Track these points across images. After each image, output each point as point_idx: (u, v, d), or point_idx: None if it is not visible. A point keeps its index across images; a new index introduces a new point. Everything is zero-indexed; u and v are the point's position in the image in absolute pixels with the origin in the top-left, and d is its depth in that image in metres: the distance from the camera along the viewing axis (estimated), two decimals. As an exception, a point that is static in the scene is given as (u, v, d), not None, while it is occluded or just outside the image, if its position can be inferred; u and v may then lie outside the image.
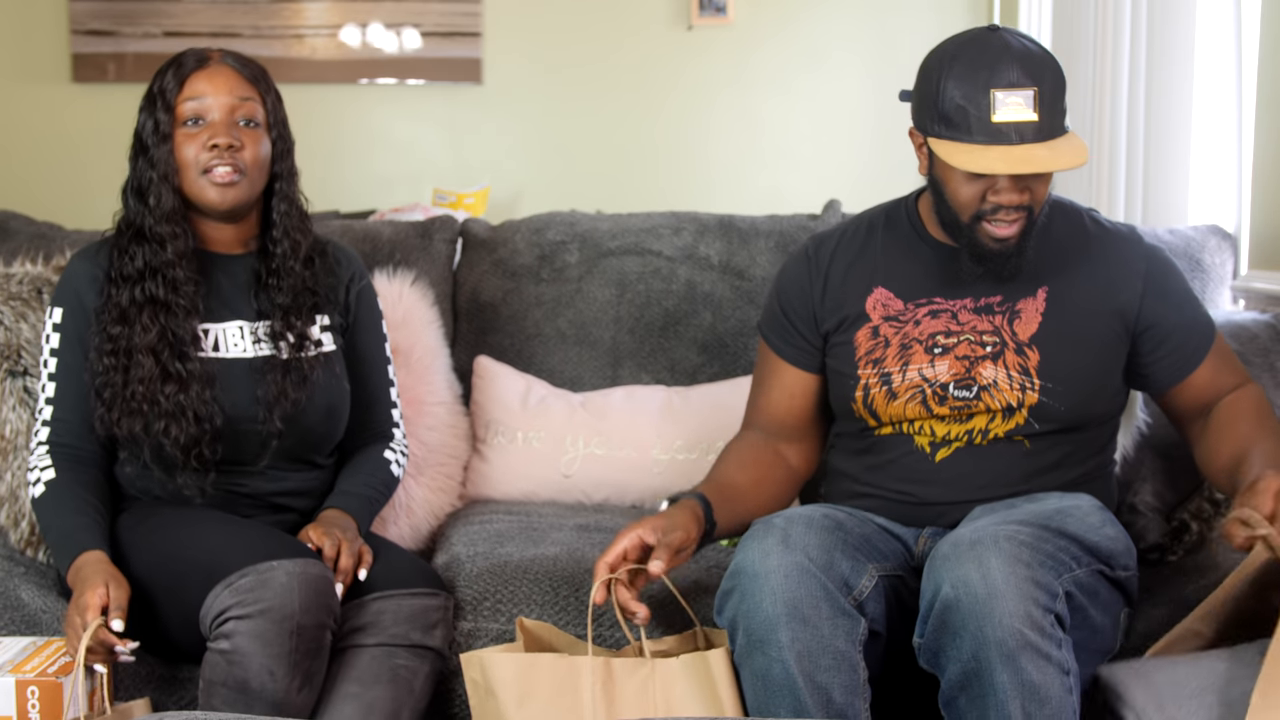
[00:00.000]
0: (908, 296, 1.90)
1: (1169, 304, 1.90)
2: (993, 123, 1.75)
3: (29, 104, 4.11)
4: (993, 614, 1.55)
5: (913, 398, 1.87)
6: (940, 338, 1.87)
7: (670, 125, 4.24)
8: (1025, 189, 1.78)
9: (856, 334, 1.91)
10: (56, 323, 1.91)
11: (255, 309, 1.95)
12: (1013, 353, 1.85)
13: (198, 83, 1.87)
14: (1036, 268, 1.87)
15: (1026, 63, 1.77)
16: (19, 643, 1.73)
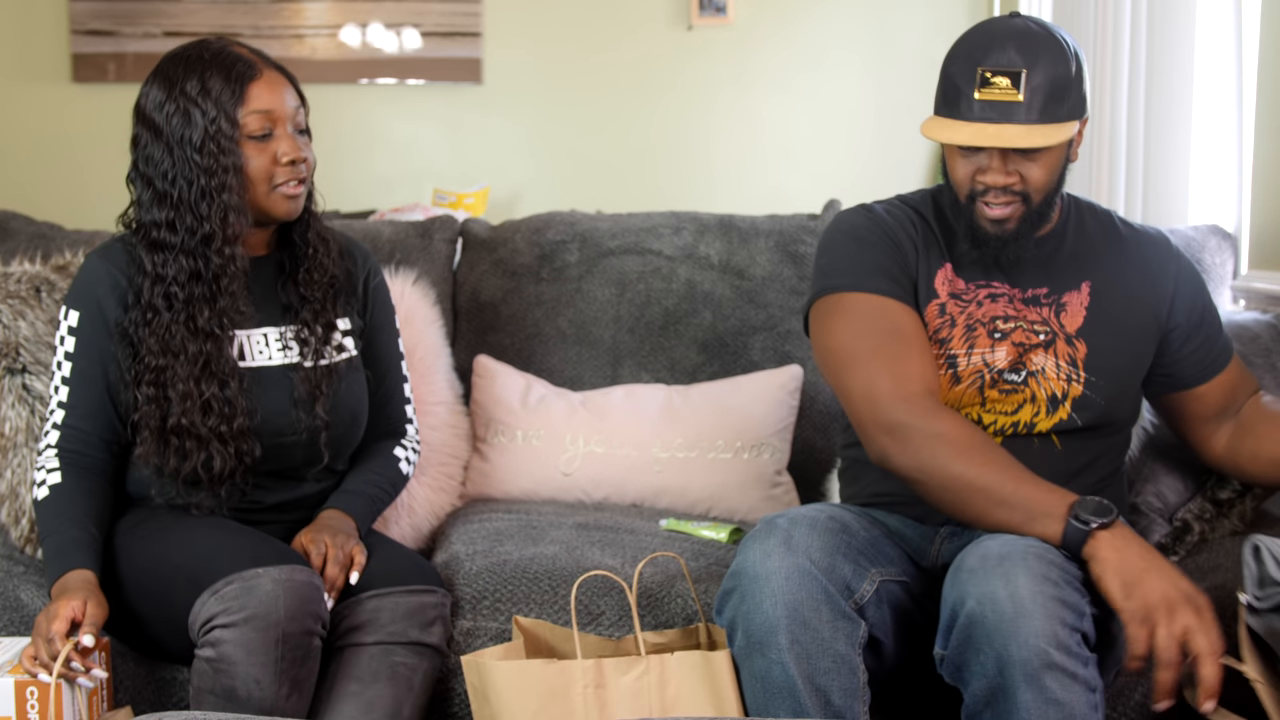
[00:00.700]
0: (970, 276, 1.90)
1: (1197, 304, 1.94)
2: (975, 99, 1.77)
3: (29, 104, 4.11)
4: (1018, 633, 1.53)
5: (973, 383, 1.86)
6: (1000, 322, 1.88)
7: (670, 125, 4.23)
8: (1014, 172, 1.79)
9: (926, 310, 1.89)
10: (72, 326, 1.86)
11: (283, 306, 1.92)
12: (1064, 343, 1.87)
13: (259, 94, 1.81)
14: (1078, 262, 1.90)
15: (1025, 45, 1.77)
16: (19, 643, 1.73)
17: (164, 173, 1.82)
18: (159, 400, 1.81)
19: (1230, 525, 2.11)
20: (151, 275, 1.83)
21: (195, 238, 1.81)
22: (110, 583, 1.76)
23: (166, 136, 1.81)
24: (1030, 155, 1.78)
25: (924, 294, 1.90)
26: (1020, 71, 1.76)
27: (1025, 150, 1.77)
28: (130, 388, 1.82)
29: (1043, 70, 1.76)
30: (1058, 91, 1.77)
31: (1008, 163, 1.79)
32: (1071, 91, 1.79)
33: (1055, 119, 1.77)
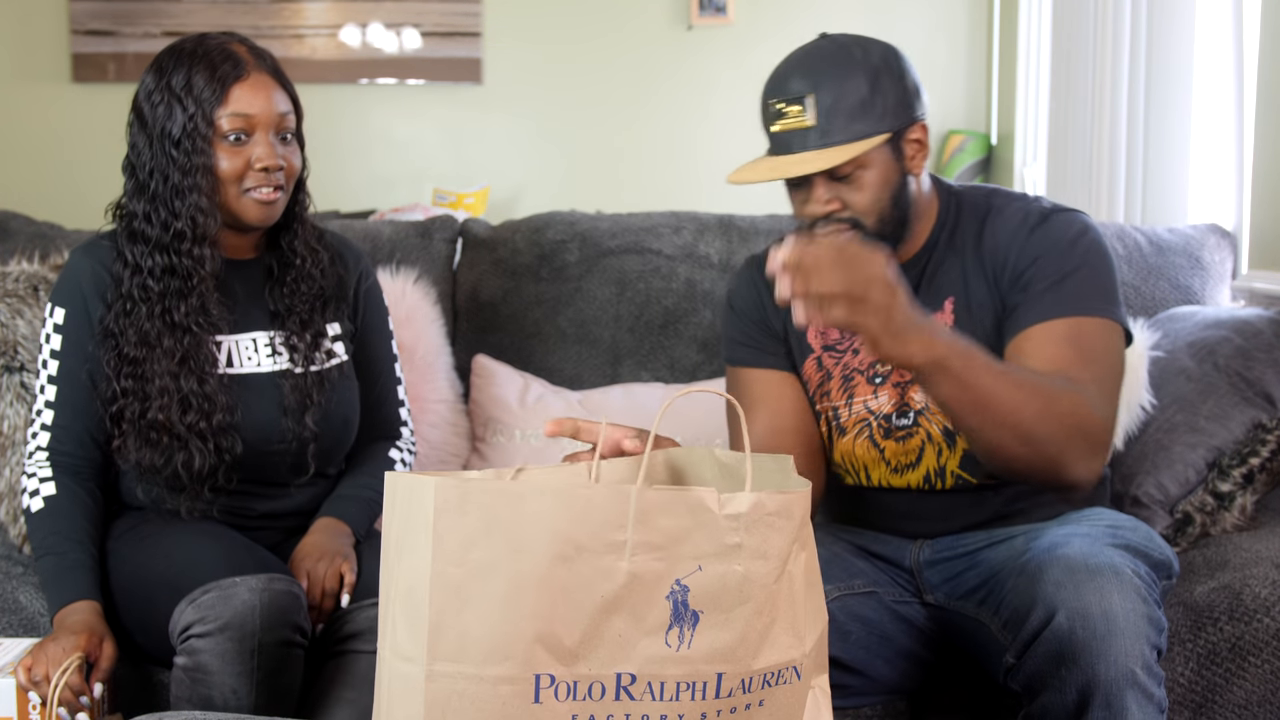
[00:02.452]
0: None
1: (1026, 270, 1.76)
2: (773, 133, 1.76)
3: (29, 104, 4.11)
4: (1109, 652, 1.50)
5: (860, 432, 1.82)
6: (879, 365, 1.81)
7: (670, 125, 4.24)
8: (834, 199, 1.73)
9: (804, 367, 1.88)
10: (58, 323, 1.84)
11: (270, 312, 1.90)
12: None
13: (241, 97, 1.78)
14: (940, 279, 1.81)
15: (809, 69, 1.73)
16: (19, 644, 1.73)
17: (144, 164, 1.81)
18: (138, 394, 1.79)
19: (1231, 519, 2.11)
20: (131, 265, 1.82)
21: (169, 233, 1.79)
22: (101, 587, 1.76)
23: (149, 128, 1.80)
24: (845, 180, 1.72)
25: (800, 349, 1.87)
26: (805, 96, 1.72)
27: (838, 176, 1.71)
28: (112, 380, 1.80)
29: (830, 90, 1.71)
30: (854, 108, 1.70)
31: (826, 190, 1.72)
32: (875, 104, 1.71)
33: (853, 136, 1.70)
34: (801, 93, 1.72)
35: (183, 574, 1.68)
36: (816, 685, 1.27)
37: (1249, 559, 1.89)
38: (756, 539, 1.15)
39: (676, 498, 1.12)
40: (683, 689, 1.13)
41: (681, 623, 1.13)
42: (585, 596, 1.10)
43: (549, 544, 1.09)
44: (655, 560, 1.12)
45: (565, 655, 1.10)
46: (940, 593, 1.81)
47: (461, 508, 1.08)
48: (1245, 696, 1.80)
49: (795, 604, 1.19)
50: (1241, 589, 1.83)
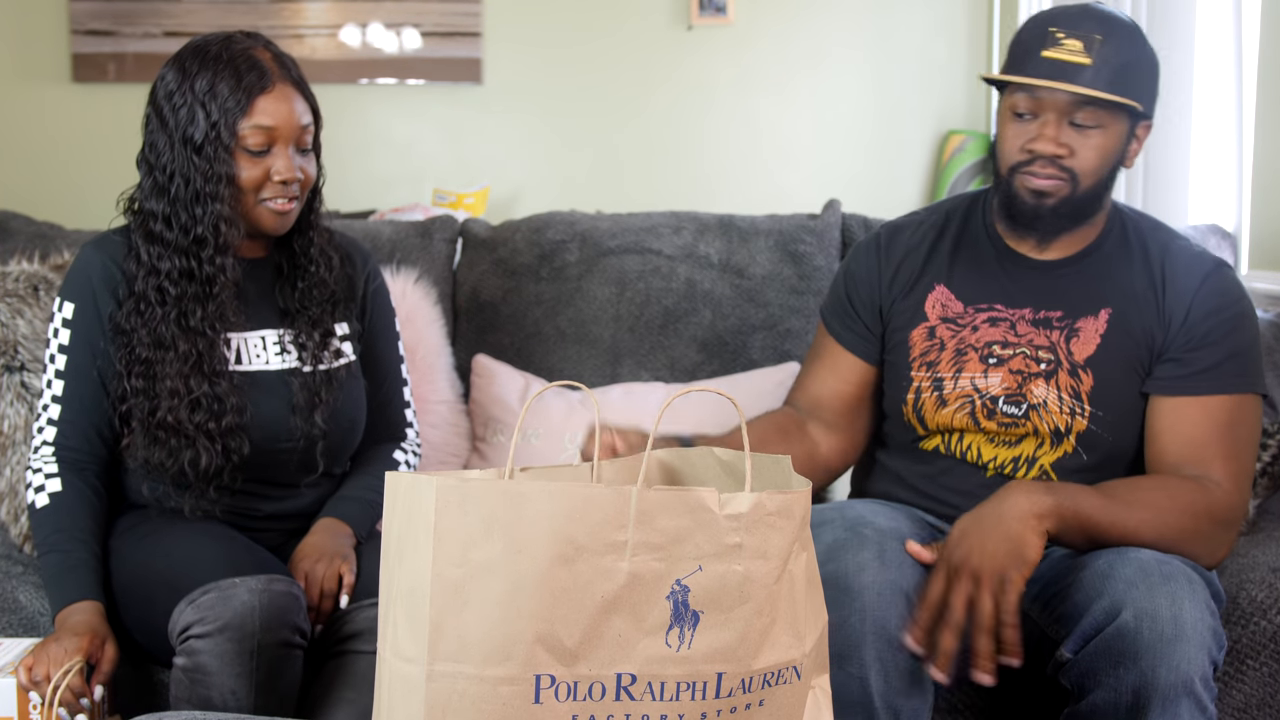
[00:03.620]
0: (969, 299, 1.84)
1: (1196, 331, 1.77)
2: (1042, 57, 1.71)
3: (29, 104, 4.11)
4: (1172, 656, 1.49)
5: (962, 407, 1.81)
6: (997, 348, 1.81)
7: (670, 125, 4.23)
8: (1065, 145, 1.72)
9: (912, 333, 1.86)
10: (67, 318, 1.83)
11: (280, 310, 1.90)
12: (1066, 374, 1.78)
13: (264, 109, 1.77)
14: (1102, 285, 1.80)
15: (1106, 20, 1.72)
16: (19, 644, 1.73)
17: (164, 165, 1.80)
18: (148, 393, 1.79)
19: (1233, 523, 2.11)
20: (147, 266, 1.81)
21: (189, 238, 1.79)
22: (103, 586, 1.76)
23: (171, 129, 1.79)
24: (1085, 131, 1.72)
25: (911, 316, 1.87)
26: (1094, 37, 1.69)
27: (1080, 123, 1.71)
28: (122, 378, 1.80)
29: (1116, 43, 1.70)
30: (1128, 70, 1.70)
31: (1061, 132, 1.72)
32: (1143, 79, 1.73)
33: (1120, 94, 1.70)
34: (1090, 33, 1.70)
35: (182, 574, 1.68)
36: (817, 685, 1.27)
37: (1246, 564, 1.89)
38: (757, 539, 1.15)
39: (677, 498, 1.12)
40: (683, 689, 1.13)
41: (682, 623, 1.13)
42: (585, 597, 1.10)
43: (549, 544, 1.09)
44: (655, 560, 1.12)
45: (565, 655, 1.10)
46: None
47: (463, 508, 1.08)
48: (1244, 699, 1.80)
49: (795, 604, 1.19)
50: (1238, 593, 1.83)
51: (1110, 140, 1.73)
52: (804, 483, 1.22)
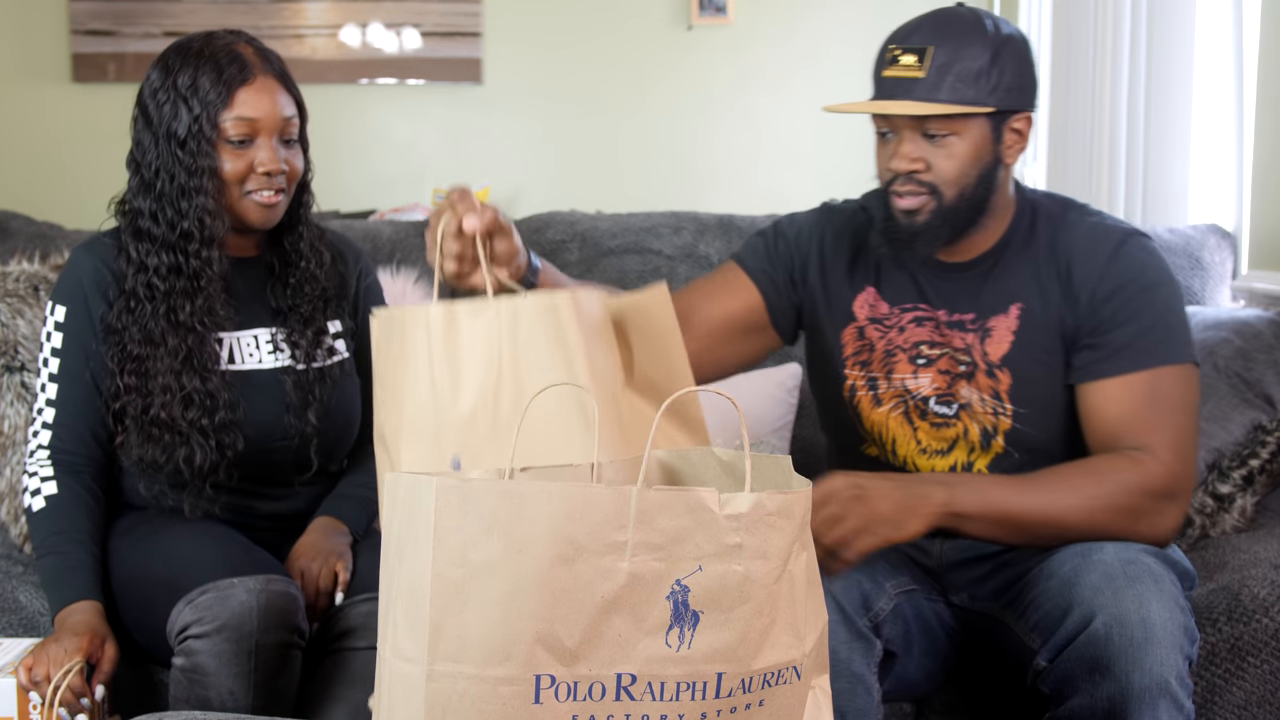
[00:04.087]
0: (895, 300, 1.83)
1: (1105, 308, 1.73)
2: (882, 77, 1.72)
3: (29, 104, 4.11)
4: (1144, 659, 1.49)
5: (896, 406, 1.80)
6: (924, 348, 1.80)
7: (670, 125, 4.24)
8: (919, 159, 1.69)
9: (843, 333, 1.85)
10: (59, 321, 1.83)
11: (272, 309, 1.90)
12: (984, 374, 1.76)
13: (246, 101, 1.78)
14: (1012, 281, 1.77)
15: (939, 26, 1.70)
16: (19, 644, 1.73)
17: (150, 162, 1.80)
18: (141, 390, 1.79)
19: (1231, 520, 2.11)
20: (136, 263, 1.81)
21: (175, 232, 1.79)
22: (103, 586, 1.76)
23: (155, 126, 1.80)
24: (937, 142, 1.69)
25: (840, 317, 1.85)
26: (926, 49, 1.68)
27: (931, 134, 1.68)
28: (114, 377, 1.80)
29: (951, 50, 1.67)
30: (968, 73, 1.67)
31: (914, 147, 1.69)
32: (989, 77, 1.68)
33: (958, 99, 1.67)
34: (921, 45, 1.69)
35: (180, 574, 1.68)
36: (817, 685, 1.27)
37: (1248, 560, 1.89)
38: (757, 539, 1.15)
39: (677, 498, 1.12)
40: (683, 689, 1.13)
41: (682, 623, 1.13)
42: (585, 597, 1.10)
43: (549, 544, 1.09)
44: (655, 560, 1.12)
45: (565, 656, 1.10)
46: (965, 594, 1.80)
47: (463, 508, 1.08)
48: (1244, 697, 1.80)
49: (795, 604, 1.19)
50: (1240, 590, 1.83)
51: (969, 145, 1.69)
52: (804, 483, 1.22)
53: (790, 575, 1.18)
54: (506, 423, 1.36)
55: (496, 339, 1.40)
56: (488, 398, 1.38)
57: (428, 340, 1.40)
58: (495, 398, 1.38)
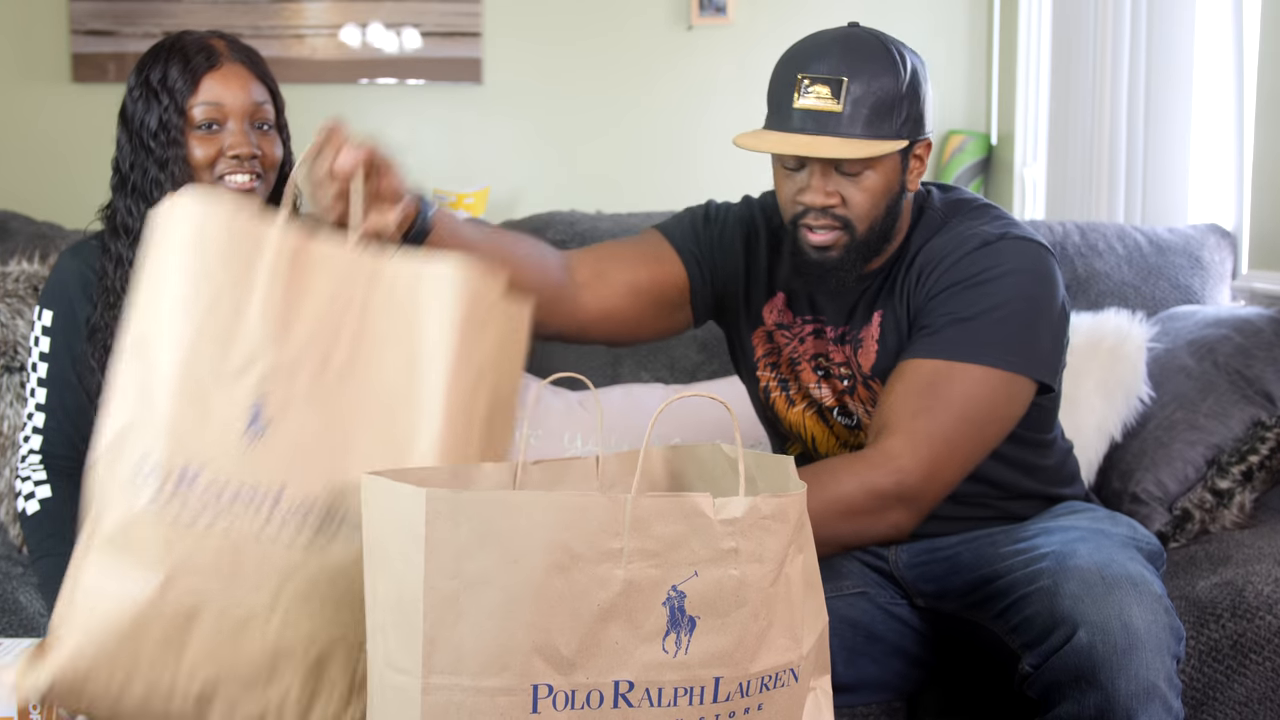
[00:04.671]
0: (797, 309, 1.83)
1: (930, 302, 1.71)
2: (793, 108, 1.66)
3: (29, 104, 4.11)
4: (1129, 667, 1.48)
5: (808, 406, 1.82)
6: (822, 359, 1.81)
7: (670, 125, 4.23)
8: (834, 193, 1.66)
9: (753, 335, 1.86)
10: (46, 325, 1.85)
11: None
12: (861, 386, 1.78)
13: (212, 85, 1.79)
14: (879, 291, 1.77)
15: (849, 54, 1.66)
16: (19, 644, 1.73)
17: (126, 157, 1.82)
18: None
19: (1231, 516, 2.12)
20: (114, 258, 1.82)
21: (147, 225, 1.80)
22: None
23: (130, 123, 1.82)
24: (852, 177, 1.66)
25: (753, 318, 1.85)
26: (841, 80, 1.64)
27: (846, 171, 1.65)
28: (96, 374, 1.80)
29: (865, 82, 1.64)
30: (882, 106, 1.64)
31: (828, 181, 1.66)
32: (900, 109, 1.66)
33: (878, 135, 1.64)
34: (835, 75, 1.65)
35: None
36: (817, 687, 1.27)
37: (1251, 555, 1.89)
38: (752, 543, 1.15)
39: (671, 504, 1.12)
40: (681, 695, 1.13)
41: (678, 629, 1.13)
42: (582, 605, 1.10)
43: (544, 554, 1.09)
44: (651, 567, 1.12)
45: (563, 665, 1.10)
46: (928, 597, 1.80)
47: (454, 519, 1.08)
48: (1246, 694, 1.80)
49: (793, 606, 1.19)
50: (1244, 586, 1.83)
51: (883, 177, 1.68)
52: (800, 485, 1.22)
53: (787, 578, 1.18)
54: (332, 384, 1.28)
55: (349, 287, 1.30)
56: (319, 348, 1.28)
57: (273, 259, 1.28)
58: (327, 353, 1.28)
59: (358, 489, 1.21)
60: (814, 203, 1.67)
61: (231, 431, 1.25)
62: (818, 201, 1.67)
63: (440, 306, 1.29)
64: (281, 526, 1.25)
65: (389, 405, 1.28)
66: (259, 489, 1.25)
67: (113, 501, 1.26)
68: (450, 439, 1.28)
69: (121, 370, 1.28)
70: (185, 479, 1.24)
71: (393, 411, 1.28)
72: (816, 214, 1.68)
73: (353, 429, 1.27)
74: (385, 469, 1.21)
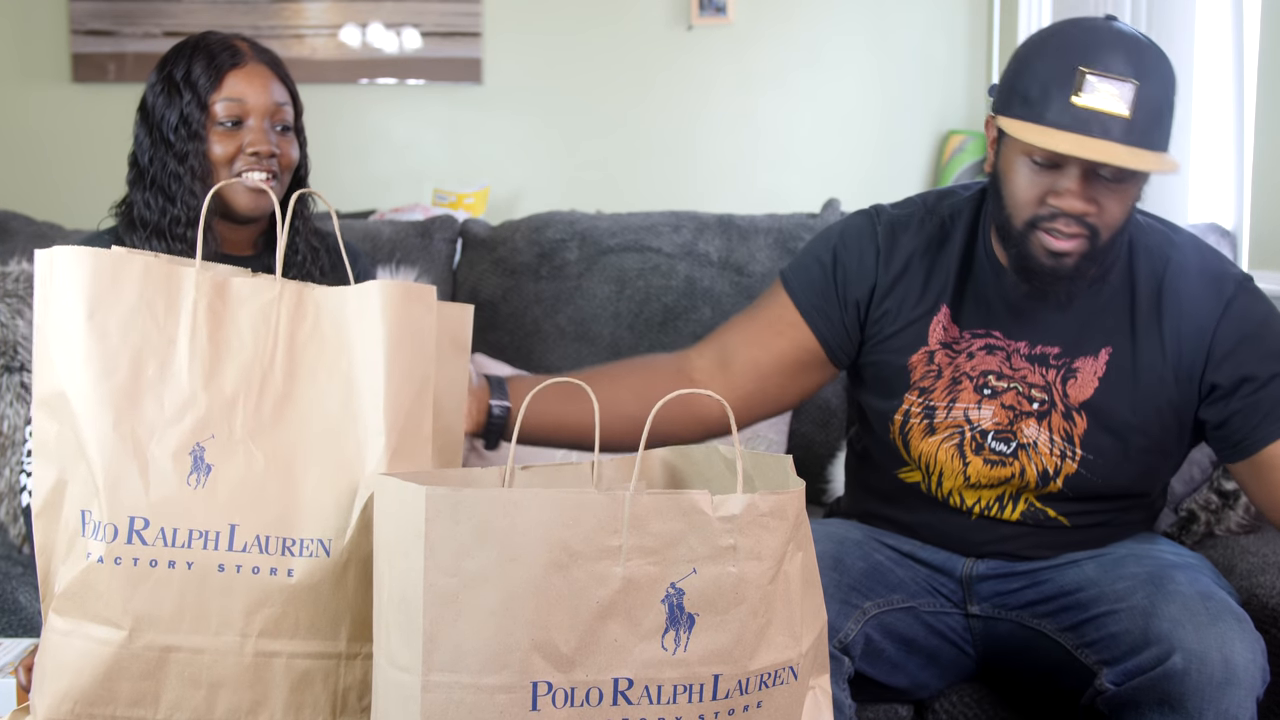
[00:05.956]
0: (966, 324, 1.71)
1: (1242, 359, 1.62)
2: (1074, 105, 1.50)
3: (29, 104, 4.11)
4: (1220, 702, 1.45)
5: (950, 437, 1.70)
6: (992, 378, 1.69)
7: (670, 125, 4.23)
8: (1093, 200, 1.54)
9: (911, 358, 1.73)
10: None
11: None
12: (1060, 415, 1.67)
13: (236, 82, 1.80)
14: (1106, 320, 1.67)
15: (1136, 55, 1.51)
16: (19, 644, 1.73)
17: (145, 151, 1.83)
18: None
19: (1236, 517, 2.11)
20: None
21: (165, 218, 1.80)
22: None
23: (150, 118, 1.82)
24: (1116, 186, 1.54)
25: (910, 341, 1.73)
26: (1131, 83, 1.49)
27: (1111, 178, 1.53)
28: None
29: (1152, 87, 1.51)
30: (1162, 115, 1.53)
31: (1091, 188, 1.54)
32: (1170, 120, 1.55)
33: (1156, 146, 1.52)
34: (1126, 75, 1.50)
35: None
36: (816, 686, 1.27)
37: (1256, 565, 1.86)
38: (750, 540, 1.15)
39: (670, 501, 1.12)
40: (680, 692, 1.13)
41: (677, 626, 1.13)
42: (581, 603, 1.10)
43: (543, 551, 1.09)
44: (650, 564, 1.12)
45: (562, 662, 1.10)
46: (989, 604, 1.77)
47: (454, 517, 1.08)
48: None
49: (791, 604, 1.19)
50: (1249, 599, 1.79)
51: (1138, 188, 1.59)
52: (799, 483, 1.22)
53: (785, 575, 1.18)
54: (270, 419, 1.28)
55: (273, 322, 1.32)
56: (252, 386, 1.29)
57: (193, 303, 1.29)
58: (260, 389, 1.29)
59: (313, 515, 1.24)
60: (1072, 209, 1.55)
61: (174, 479, 1.25)
62: (1077, 208, 1.54)
63: (367, 328, 1.30)
64: (240, 562, 1.25)
65: (332, 430, 1.29)
66: (210, 530, 1.25)
67: (62, 557, 1.27)
68: (401, 452, 1.29)
69: (41, 426, 1.27)
70: (134, 529, 1.24)
71: (337, 436, 1.29)
72: (1067, 220, 1.55)
73: (299, 458, 1.27)
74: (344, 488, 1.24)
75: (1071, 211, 1.55)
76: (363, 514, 1.25)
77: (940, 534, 1.78)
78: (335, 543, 1.25)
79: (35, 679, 1.27)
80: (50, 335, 1.27)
